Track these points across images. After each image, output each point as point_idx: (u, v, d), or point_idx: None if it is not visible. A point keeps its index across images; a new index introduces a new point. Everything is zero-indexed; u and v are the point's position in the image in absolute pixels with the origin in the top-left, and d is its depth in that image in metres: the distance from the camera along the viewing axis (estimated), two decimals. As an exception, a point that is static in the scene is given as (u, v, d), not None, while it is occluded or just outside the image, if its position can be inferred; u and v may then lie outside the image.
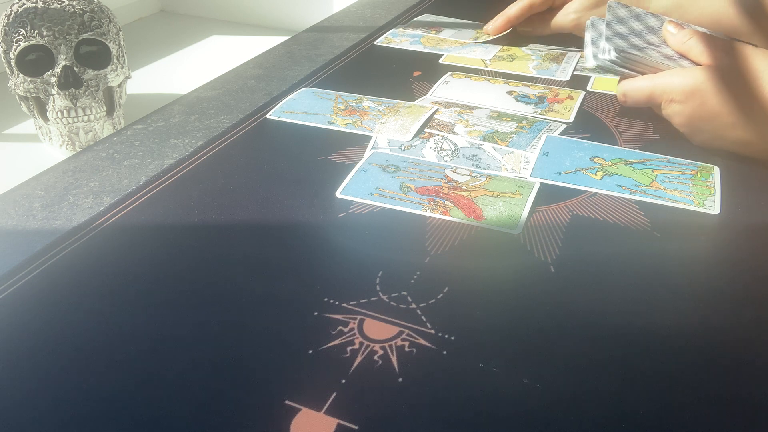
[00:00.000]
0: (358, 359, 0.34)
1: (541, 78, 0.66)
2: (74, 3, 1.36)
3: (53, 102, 1.34)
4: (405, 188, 0.47)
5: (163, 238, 0.43)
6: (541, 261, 0.41)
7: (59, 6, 1.34)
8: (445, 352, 0.34)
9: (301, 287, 0.38)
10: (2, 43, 1.36)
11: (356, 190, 0.47)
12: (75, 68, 1.34)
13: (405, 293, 0.38)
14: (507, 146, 0.53)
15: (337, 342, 0.35)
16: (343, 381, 0.32)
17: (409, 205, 0.46)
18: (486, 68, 0.68)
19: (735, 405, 0.31)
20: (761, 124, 0.48)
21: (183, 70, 1.90)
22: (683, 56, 0.53)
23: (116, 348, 0.34)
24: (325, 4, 2.10)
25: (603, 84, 0.64)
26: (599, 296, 0.38)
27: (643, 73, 0.53)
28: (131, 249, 0.42)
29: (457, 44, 0.74)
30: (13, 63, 1.34)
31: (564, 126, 0.56)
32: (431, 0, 0.91)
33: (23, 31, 1.31)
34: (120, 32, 1.45)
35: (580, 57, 0.70)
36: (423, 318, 0.36)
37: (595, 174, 0.49)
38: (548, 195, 0.47)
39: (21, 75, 1.34)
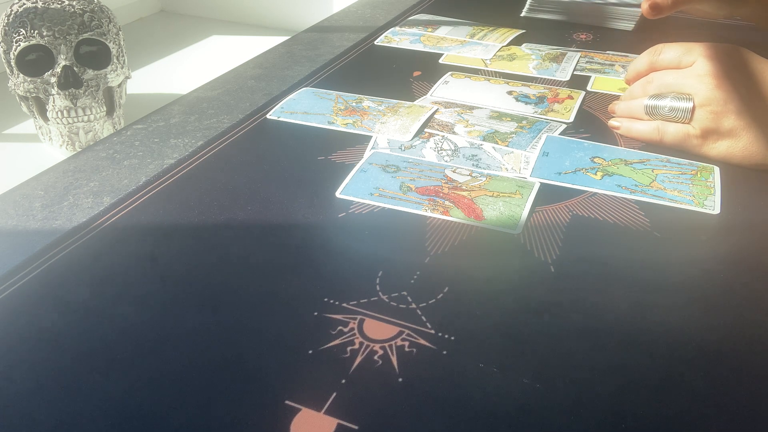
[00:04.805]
0: (358, 359, 0.34)
1: (541, 78, 0.66)
2: (74, 3, 1.36)
3: (53, 102, 1.34)
4: (405, 188, 0.47)
5: (163, 238, 0.43)
6: (541, 261, 0.41)
7: (59, 6, 1.34)
8: (445, 352, 0.34)
9: (301, 287, 0.38)
10: (2, 43, 1.36)
11: (356, 190, 0.47)
12: (75, 68, 1.34)
13: (405, 293, 0.38)
14: (507, 146, 0.52)
15: (337, 342, 0.35)
16: (343, 381, 0.32)
17: (409, 205, 0.46)
18: (486, 68, 0.68)
19: (735, 405, 0.31)
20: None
21: (183, 70, 1.90)
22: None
23: (116, 348, 0.34)
24: (325, 4, 2.10)
25: (603, 84, 0.64)
26: (599, 296, 0.38)
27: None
28: (131, 249, 0.42)
29: (456, 42, 0.74)
30: (13, 63, 1.34)
31: (564, 126, 0.56)
32: (431, 0, 0.91)
33: (23, 31, 1.31)
34: (120, 32, 1.45)
35: (580, 56, 0.70)
36: (423, 318, 0.36)
37: (595, 174, 0.49)
38: (548, 195, 0.47)
39: (21, 75, 1.34)
